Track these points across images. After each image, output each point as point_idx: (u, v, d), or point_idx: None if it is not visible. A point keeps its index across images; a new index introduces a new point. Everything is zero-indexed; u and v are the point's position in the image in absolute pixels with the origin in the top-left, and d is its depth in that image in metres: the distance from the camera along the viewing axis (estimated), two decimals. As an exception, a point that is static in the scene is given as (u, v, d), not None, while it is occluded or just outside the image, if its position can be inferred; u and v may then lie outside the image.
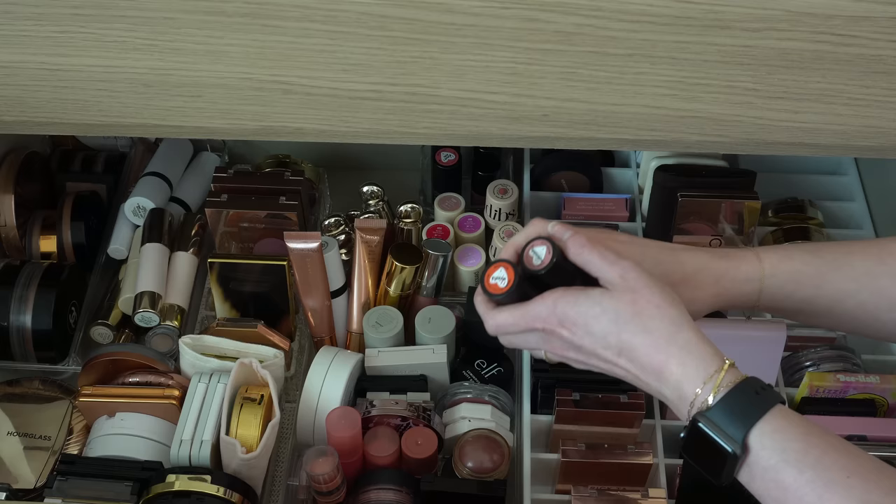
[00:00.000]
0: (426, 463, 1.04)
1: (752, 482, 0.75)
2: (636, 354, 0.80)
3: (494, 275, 0.86)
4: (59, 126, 0.98)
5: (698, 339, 0.79)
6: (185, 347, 1.06)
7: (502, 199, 1.24)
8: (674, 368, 0.78)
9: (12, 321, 1.16)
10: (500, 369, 1.13)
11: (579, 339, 0.82)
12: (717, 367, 0.77)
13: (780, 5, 0.86)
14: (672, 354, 0.79)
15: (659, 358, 0.79)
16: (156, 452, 1.03)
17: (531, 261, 0.84)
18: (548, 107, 0.93)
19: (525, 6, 0.86)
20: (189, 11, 0.88)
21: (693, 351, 0.78)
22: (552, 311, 0.82)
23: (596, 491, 1.00)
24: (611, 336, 0.80)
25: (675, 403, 0.79)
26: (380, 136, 0.96)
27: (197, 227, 1.26)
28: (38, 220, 1.27)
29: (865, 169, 1.34)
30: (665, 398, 0.80)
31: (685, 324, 0.79)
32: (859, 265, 0.88)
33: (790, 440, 0.74)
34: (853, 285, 0.88)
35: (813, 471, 0.73)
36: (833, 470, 0.73)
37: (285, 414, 1.11)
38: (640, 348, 0.79)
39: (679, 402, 0.78)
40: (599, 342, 0.81)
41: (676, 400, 0.78)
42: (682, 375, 0.78)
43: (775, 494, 0.74)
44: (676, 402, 0.79)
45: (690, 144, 0.96)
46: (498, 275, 0.86)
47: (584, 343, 0.81)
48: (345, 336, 1.18)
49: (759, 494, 0.75)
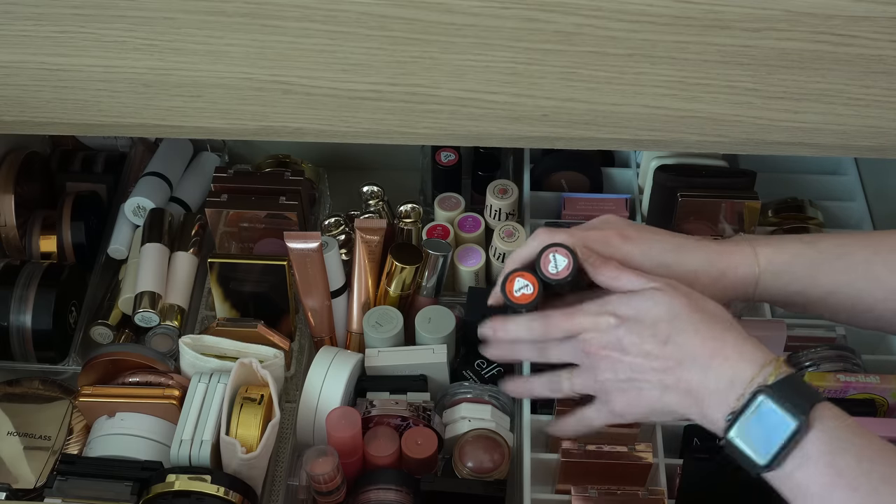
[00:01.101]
0: (426, 463, 1.04)
1: (803, 467, 0.75)
2: (688, 339, 0.80)
3: (517, 287, 0.86)
4: (59, 126, 0.98)
5: (748, 335, 0.81)
6: (185, 347, 1.06)
7: (502, 199, 1.24)
8: (730, 352, 0.79)
9: (12, 321, 1.16)
10: (500, 369, 1.13)
11: (624, 333, 0.82)
12: (773, 357, 0.78)
13: (780, 5, 0.86)
14: (728, 341, 0.80)
15: (714, 344, 0.80)
16: (156, 452, 1.03)
17: (548, 268, 0.85)
18: (548, 107, 0.93)
19: (525, 6, 0.86)
20: (189, 11, 0.88)
21: (748, 340, 0.80)
22: (602, 306, 0.84)
23: (596, 491, 1.00)
24: (662, 323, 0.81)
25: (719, 391, 0.79)
26: (380, 136, 0.96)
27: (197, 227, 1.26)
28: (38, 220, 1.27)
29: (865, 169, 1.34)
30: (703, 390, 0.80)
31: (735, 322, 0.82)
32: (855, 256, 0.89)
33: (849, 427, 0.75)
34: (848, 276, 0.89)
35: (870, 463, 0.73)
36: (891, 466, 0.73)
37: (285, 414, 1.11)
38: (693, 335, 0.80)
39: (727, 388, 0.78)
40: (648, 330, 0.81)
41: (725, 385, 0.78)
42: (739, 359, 0.79)
43: (826, 480, 0.74)
44: (723, 389, 0.78)
45: (690, 144, 0.96)
46: (520, 285, 0.87)
47: (629, 337, 0.82)
48: (345, 336, 1.18)
49: (805, 483, 0.75)
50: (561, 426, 0.93)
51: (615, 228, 0.91)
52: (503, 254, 1.20)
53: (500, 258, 1.21)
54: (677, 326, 0.81)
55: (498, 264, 1.21)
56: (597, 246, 0.89)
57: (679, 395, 0.82)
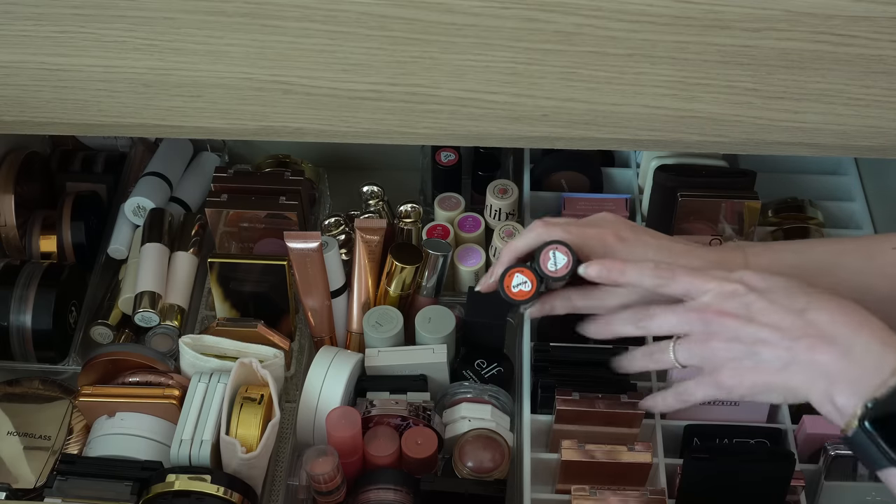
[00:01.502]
0: (426, 463, 1.04)
1: None
2: (830, 309, 0.77)
3: (515, 283, 0.86)
4: (59, 126, 0.98)
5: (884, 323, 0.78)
6: (185, 347, 1.06)
7: (502, 199, 1.24)
8: (874, 334, 0.76)
9: (12, 321, 1.16)
10: (500, 369, 1.13)
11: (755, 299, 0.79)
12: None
13: (780, 5, 0.86)
14: (873, 320, 0.77)
15: (858, 317, 0.77)
16: (156, 452, 1.03)
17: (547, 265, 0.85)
18: (548, 107, 0.93)
19: (525, 6, 0.86)
20: (189, 11, 0.88)
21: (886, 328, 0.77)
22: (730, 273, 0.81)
23: (596, 491, 1.00)
24: (799, 294, 0.79)
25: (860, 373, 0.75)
26: (380, 136, 0.96)
27: (197, 227, 1.26)
28: (38, 220, 1.27)
29: (865, 169, 1.34)
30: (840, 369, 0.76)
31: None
32: (848, 264, 0.88)
33: None
34: (842, 285, 0.87)
35: None
36: None
37: (285, 414, 1.11)
38: (836, 307, 0.77)
39: (871, 372, 0.75)
40: (783, 298, 0.79)
41: (869, 369, 0.75)
42: (883, 344, 0.75)
43: None
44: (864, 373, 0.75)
45: (690, 144, 0.96)
46: (518, 281, 0.86)
47: (759, 303, 0.79)
48: (345, 336, 1.18)
49: None
50: (658, 401, 0.90)
51: (611, 228, 0.90)
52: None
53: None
54: (816, 299, 0.78)
55: (498, 264, 1.22)
56: (593, 244, 0.88)
57: (806, 372, 0.78)
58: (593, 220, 0.92)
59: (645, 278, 0.85)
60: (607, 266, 0.86)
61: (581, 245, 0.90)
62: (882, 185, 1.31)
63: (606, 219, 0.92)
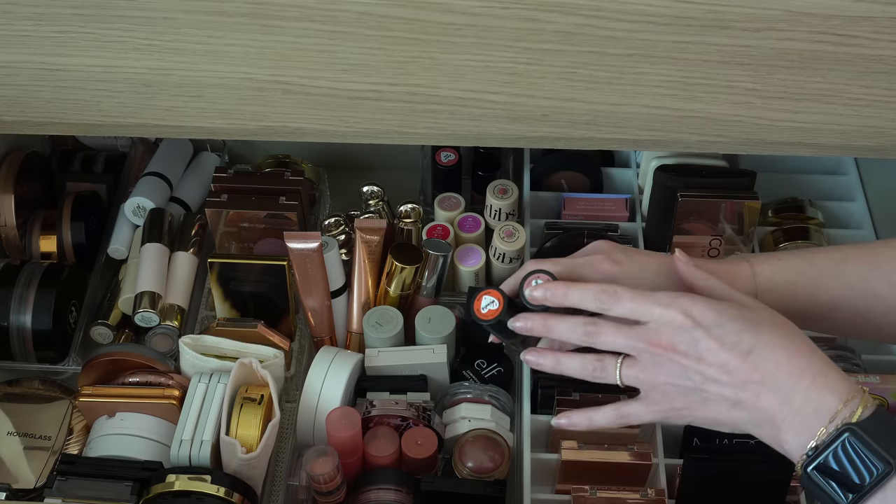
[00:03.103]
0: (426, 463, 1.04)
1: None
2: (774, 354, 0.76)
3: (483, 304, 0.87)
4: (59, 126, 0.98)
5: (831, 362, 0.78)
6: (185, 347, 1.06)
7: (502, 199, 1.24)
8: (816, 377, 0.76)
9: (12, 321, 1.16)
10: (500, 369, 1.13)
11: (702, 336, 0.78)
12: (858, 389, 0.76)
13: (780, 5, 0.86)
14: (814, 364, 0.76)
15: (801, 362, 0.76)
16: (156, 452, 1.03)
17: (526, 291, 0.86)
18: (548, 107, 0.93)
19: (525, 6, 0.86)
20: (189, 11, 0.88)
21: (833, 368, 0.77)
22: (675, 300, 0.79)
23: (596, 491, 1.00)
24: (746, 333, 0.77)
25: (801, 419, 0.76)
26: (380, 136, 0.96)
27: (197, 227, 1.26)
28: (38, 220, 1.27)
29: (865, 169, 1.34)
30: (782, 415, 0.76)
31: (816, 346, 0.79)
32: (853, 272, 0.88)
33: None
34: (848, 293, 0.87)
35: None
36: None
37: (285, 414, 1.11)
38: (781, 350, 0.77)
39: (811, 418, 0.75)
40: (730, 337, 0.77)
41: (809, 415, 0.75)
42: (824, 386, 0.75)
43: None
44: (805, 418, 0.76)
45: (690, 144, 0.96)
46: (486, 302, 0.87)
47: (706, 342, 0.77)
48: (345, 336, 1.18)
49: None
50: (595, 417, 0.87)
51: (604, 253, 0.90)
52: (503, 254, 1.20)
53: (500, 258, 1.21)
54: (762, 339, 0.77)
55: (498, 264, 1.22)
56: (583, 271, 0.88)
57: (752, 414, 0.78)
58: (586, 249, 0.92)
59: (587, 301, 0.83)
60: (551, 288, 0.85)
61: (570, 273, 0.88)
62: (882, 185, 1.31)
63: (599, 246, 0.91)
